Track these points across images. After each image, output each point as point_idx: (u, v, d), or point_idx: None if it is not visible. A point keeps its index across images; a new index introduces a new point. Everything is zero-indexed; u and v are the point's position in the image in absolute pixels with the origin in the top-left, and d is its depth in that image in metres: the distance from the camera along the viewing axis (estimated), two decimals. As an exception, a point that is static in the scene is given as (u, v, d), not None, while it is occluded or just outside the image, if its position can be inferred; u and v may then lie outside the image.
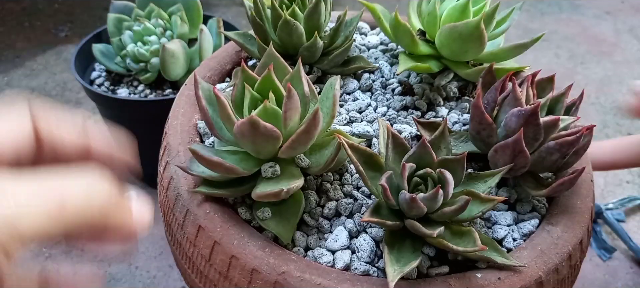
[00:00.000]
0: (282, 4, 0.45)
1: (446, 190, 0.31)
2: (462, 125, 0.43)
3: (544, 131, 0.35)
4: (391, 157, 0.34)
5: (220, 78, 0.48)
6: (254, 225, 0.35)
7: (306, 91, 0.34)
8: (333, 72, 0.47)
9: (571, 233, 0.35)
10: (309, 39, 0.44)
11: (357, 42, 0.52)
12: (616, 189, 0.94)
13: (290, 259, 0.32)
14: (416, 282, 0.31)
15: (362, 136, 0.41)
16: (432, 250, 0.34)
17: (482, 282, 0.31)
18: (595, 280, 0.79)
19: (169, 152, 0.39)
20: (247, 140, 0.32)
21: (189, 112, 0.42)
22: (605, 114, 1.11)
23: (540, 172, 0.38)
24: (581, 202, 0.37)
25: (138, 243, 0.27)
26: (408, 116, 0.44)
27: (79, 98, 1.06)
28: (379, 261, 0.34)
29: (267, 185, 0.33)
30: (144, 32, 0.76)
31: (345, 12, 0.46)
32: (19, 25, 1.27)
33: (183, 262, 0.37)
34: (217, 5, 1.42)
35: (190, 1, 0.79)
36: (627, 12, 1.49)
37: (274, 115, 0.32)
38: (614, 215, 0.87)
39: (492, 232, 0.35)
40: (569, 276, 0.35)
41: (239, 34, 0.47)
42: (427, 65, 0.43)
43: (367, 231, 0.35)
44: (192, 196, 0.35)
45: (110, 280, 0.76)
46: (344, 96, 0.46)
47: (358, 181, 0.38)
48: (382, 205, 0.34)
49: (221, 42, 0.80)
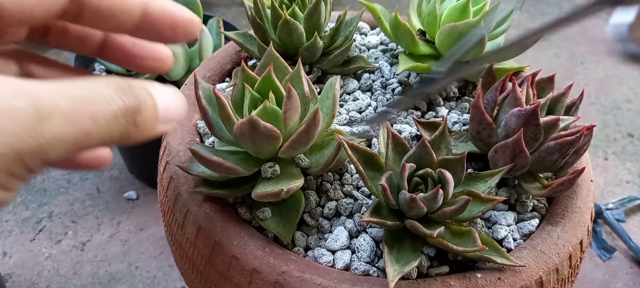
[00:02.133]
0: (282, 4, 0.45)
1: (446, 190, 0.31)
2: (462, 125, 0.43)
3: (544, 131, 0.35)
4: (391, 157, 0.34)
5: (220, 78, 0.48)
6: (254, 225, 0.35)
7: (306, 91, 0.34)
8: (333, 72, 0.47)
9: (571, 233, 0.35)
10: (309, 39, 0.44)
11: (357, 42, 0.52)
12: (616, 189, 0.94)
13: (290, 259, 0.32)
14: (416, 282, 0.31)
15: (362, 136, 0.41)
16: (432, 250, 0.34)
17: (482, 282, 0.31)
18: (595, 280, 0.79)
19: (169, 152, 0.39)
20: (247, 140, 0.32)
21: (189, 112, 0.42)
22: (605, 114, 1.11)
23: (540, 172, 0.38)
24: (581, 202, 0.37)
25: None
26: (408, 116, 0.44)
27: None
28: (379, 261, 0.34)
29: (267, 185, 0.33)
30: (144, 32, 0.75)
31: (345, 12, 0.46)
32: (19, 25, 1.27)
33: (183, 262, 0.37)
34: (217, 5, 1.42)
35: (190, 1, 0.79)
36: (627, 12, 1.48)
37: (274, 115, 0.32)
38: (614, 215, 0.87)
39: (492, 232, 0.35)
40: (569, 276, 0.35)
41: (239, 34, 0.47)
42: (427, 65, 0.43)
43: (367, 231, 0.35)
44: (192, 196, 0.35)
45: (110, 280, 0.76)
46: (344, 96, 0.46)
47: (358, 181, 0.38)
48: (382, 205, 0.34)
49: (221, 42, 0.80)
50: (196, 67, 0.54)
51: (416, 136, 0.41)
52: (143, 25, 0.26)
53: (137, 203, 0.88)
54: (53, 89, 0.19)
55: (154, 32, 0.27)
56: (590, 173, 0.40)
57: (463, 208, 0.31)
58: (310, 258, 0.34)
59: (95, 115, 0.20)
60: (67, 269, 0.77)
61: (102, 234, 0.82)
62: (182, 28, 0.27)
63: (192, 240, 0.34)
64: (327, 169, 0.36)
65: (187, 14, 0.27)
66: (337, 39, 0.47)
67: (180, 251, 0.37)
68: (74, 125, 0.19)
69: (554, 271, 0.33)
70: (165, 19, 0.27)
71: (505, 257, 0.32)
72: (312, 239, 0.35)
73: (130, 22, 0.26)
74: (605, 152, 1.01)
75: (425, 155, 0.33)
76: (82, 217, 0.85)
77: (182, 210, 0.35)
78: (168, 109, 0.24)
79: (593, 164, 0.93)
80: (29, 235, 0.82)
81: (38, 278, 0.76)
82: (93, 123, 0.20)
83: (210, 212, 0.34)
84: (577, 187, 0.38)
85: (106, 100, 0.20)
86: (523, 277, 0.32)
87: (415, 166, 0.33)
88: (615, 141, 1.04)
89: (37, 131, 0.18)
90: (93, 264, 0.78)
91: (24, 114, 0.18)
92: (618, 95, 1.17)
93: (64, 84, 0.20)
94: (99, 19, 0.25)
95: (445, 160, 0.33)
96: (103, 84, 0.21)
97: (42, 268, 0.77)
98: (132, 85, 0.22)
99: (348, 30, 0.47)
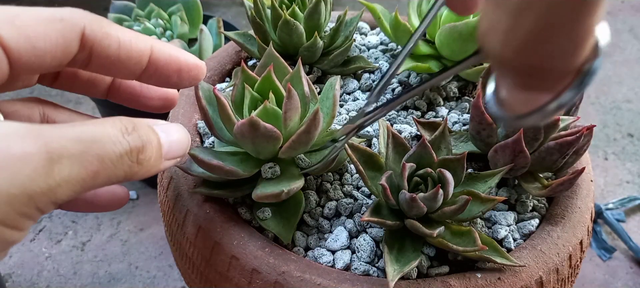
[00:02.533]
0: (282, 4, 0.45)
1: (446, 189, 0.31)
2: (462, 125, 0.43)
3: (544, 131, 0.35)
4: (391, 156, 0.34)
5: (220, 78, 0.48)
6: (254, 225, 0.35)
7: (306, 91, 0.34)
8: (333, 72, 0.47)
9: (571, 233, 0.35)
10: (309, 39, 0.44)
11: (357, 42, 0.52)
12: (616, 189, 0.94)
13: (290, 259, 0.32)
14: (416, 281, 0.31)
15: (362, 136, 0.41)
16: (432, 250, 0.34)
17: (482, 282, 0.31)
18: (595, 280, 0.79)
19: (169, 152, 0.39)
20: (247, 141, 0.32)
21: (189, 112, 0.42)
22: (605, 114, 1.11)
23: (540, 172, 0.38)
24: (581, 202, 0.37)
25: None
26: (408, 116, 0.44)
27: (79, 98, 1.06)
28: (379, 261, 0.34)
29: (268, 186, 0.33)
30: (144, 32, 0.76)
31: (345, 12, 0.46)
32: (19, 25, 1.27)
33: (183, 262, 0.37)
34: (217, 5, 1.42)
35: (190, 1, 0.79)
36: (627, 12, 1.49)
37: (274, 116, 0.32)
38: (614, 215, 0.87)
39: (492, 232, 0.35)
40: (569, 276, 0.35)
41: (239, 34, 0.47)
42: (427, 65, 0.43)
43: (367, 231, 0.35)
44: (192, 196, 0.35)
45: (110, 280, 0.76)
46: (344, 96, 0.46)
47: (358, 181, 0.38)
48: (382, 204, 0.34)
49: (221, 42, 0.80)
50: (196, 67, 0.54)
51: (416, 136, 0.41)
52: (149, 71, 0.27)
53: (137, 203, 0.88)
54: (62, 132, 0.20)
55: (160, 77, 0.28)
56: (590, 173, 0.40)
57: (463, 208, 0.31)
58: (310, 258, 0.34)
59: (102, 157, 0.21)
60: (67, 269, 0.77)
61: (102, 234, 0.82)
62: (187, 73, 0.29)
63: (192, 240, 0.34)
64: (327, 169, 0.36)
65: (193, 60, 0.29)
66: (337, 39, 0.47)
67: (180, 251, 0.37)
68: (82, 167, 0.20)
69: (554, 271, 0.33)
70: (170, 66, 0.28)
71: (505, 257, 0.32)
72: (312, 239, 0.35)
73: (137, 68, 0.27)
74: (605, 152, 1.01)
75: (425, 155, 0.33)
76: (82, 216, 0.85)
77: (182, 210, 0.35)
78: (172, 146, 0.25)
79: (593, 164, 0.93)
80: (29, 235, 0.82)
81: (38, 278, 0.76)
82: (100, 164, 0.21)
83: (210, 212, 0.34)
84: (577, 187, 0.38)
85: (112, 141, 0.21)
86: (523, 277, 0.32)
87: (416, 166, 0.33)
88: (615, 141, 1.04)
89: (47, 174, 0.19)
90: (93, 264, 0.78)
91: (36, 157, 0.19)
92: (618, 95, 1.17)
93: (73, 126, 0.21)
94: (107, 66, 0.26)
95: (446, 160, 0.33)
96: (109, 125, 0.22)
97: (42, 268, 0.77)
98: (136, 124, 0.23)
99: (348, 30, 0.47)
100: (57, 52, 0.23)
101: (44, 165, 0.19)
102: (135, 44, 0.26)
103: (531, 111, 0.18)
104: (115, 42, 0.25)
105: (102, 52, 0.25)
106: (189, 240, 0.35)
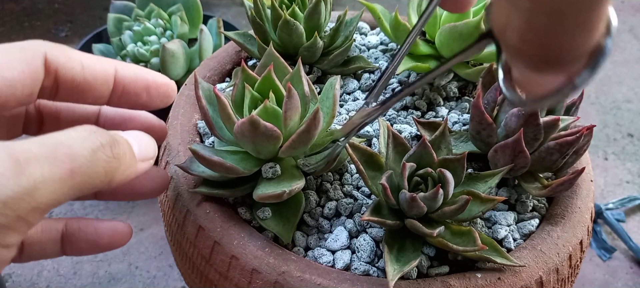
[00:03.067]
0: (282, 4, 0.45)
1: (446, 189, 0.31)
2: (462, 125, 0.43)
3: (544, 131, 0.35)
4: (391, 156, 0.34)
5: (220, 78, 0.48)
6: (254, 225, 0.35)
7: (306, 91, 0.34)
8: (333, 72, 0.47)
9: (571, 233, 0.35)
10: (309, 39, 0.44)
11: (357, 42, 0.52)
12: (616, 189, 0.94)
13: (290, 259, 0.32)
14: (416, 281, 0.31)
15: (362, 136, 0.41)
16: (432, 250, 0.34)
17: (482, 282, 0.31)
18: (595, 280, 0.79)
19: (169, 152, 0.39)
20: (248, 140, 0.32)
21: (189, 112, 0.42)
22: (605, 114, 1.11)
23: (540, 172, 0.38)
24: (581, 202, 0.37)
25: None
26: (408, 116, 0.44)
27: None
28: (379, 261, 0.34)
29: (269, 186, 0.33)
30: (144, 32, 0.76)
31: (345, 12, 0.46)
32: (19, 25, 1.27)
33: (183, 262, 0.37)
34: (217, 5, 1.42)
35: (190, 1, 0.79)
36: (627, 12, 1.49)
37: (274, 115, 0.32)
38: (614, 215, 0.87)
39: (492, 232, 0.35)
40: (569, 276, 0.35)
41: (239, 34, 0.47)
42: (427, 65, 0.43)
43: (367, 231, 0.35)
44: (192, 196, 0.35)
45: (110, 280, 0.76)
46: (344, 96, 0.46)
47: (358, 181, 0.38)
48: (382, 204, 0.34)
49: (221, 42, 0.80)
50: (196, 67, 0.54)
51: (416, 136, 0.41)
52: (118, 92, 0.28)
53: (137, 203, 0.88)
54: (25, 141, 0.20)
55: (130, 97, 0.28)
56: (590, 173, 0.40)
57: (463, 208, 0.31)
58: (310, 258, 0.34)
59: (73, 155, 0.21)
60: (67, 269, 0.77)
61: (102, 234, 0.82)
62: (156, 90, 0.29)
63: (192, 240, 0.34)
64: (328, 169, 0.36)
65: (161, 78, 0.29)
66: (337, 39, 0.47)
67: (180, 251, 0.37)
68: (54, 166, 0.20)
69: (554, 271, 0.33)
70: (138, 83, 0.28)
71: (505, 257, 0.32)
72: (312, 239, 0.35)
73: (105, 89, 0.27)
74: (605, 152, 1.01)
75: (425, 154, 0.33)
76: (82, 217, 0.85)
77: (182, 210, 0.35)
78: (141, 145, 0.26)
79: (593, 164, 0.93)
80: (29, 235, 0.82)
81: (38, 278, 0.76)
82: (72, 161, 0.21)
83: (210, 212, 0.34)
84: (577, 187, 0.38)
85: (80, 139, 0.22)
86: (523, 277, 0.32)
87: (416, 166, 0.33)
88: (615, 141, 1.04)
89: (17, 176, 0.19)
90: (93, 264, 0.78)
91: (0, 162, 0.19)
92: (618, 95, 1.17)
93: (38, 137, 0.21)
94: (75, 90, 0.26)
95: (446, 160, 0.33)
96: (73, 130, 0.22)
97: (42, 268, 0.77)
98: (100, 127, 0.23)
99: (348, 30, 0.47)
100: (26, 80, 0.24)
101: (11, 168, 0.19)
102: (99, 64, 0.27)
103: (547, 93, 0.19)
104: (78, 64, 0.26)
105: (67, 74, 0.25)
106: (189, 240, 0.35)
